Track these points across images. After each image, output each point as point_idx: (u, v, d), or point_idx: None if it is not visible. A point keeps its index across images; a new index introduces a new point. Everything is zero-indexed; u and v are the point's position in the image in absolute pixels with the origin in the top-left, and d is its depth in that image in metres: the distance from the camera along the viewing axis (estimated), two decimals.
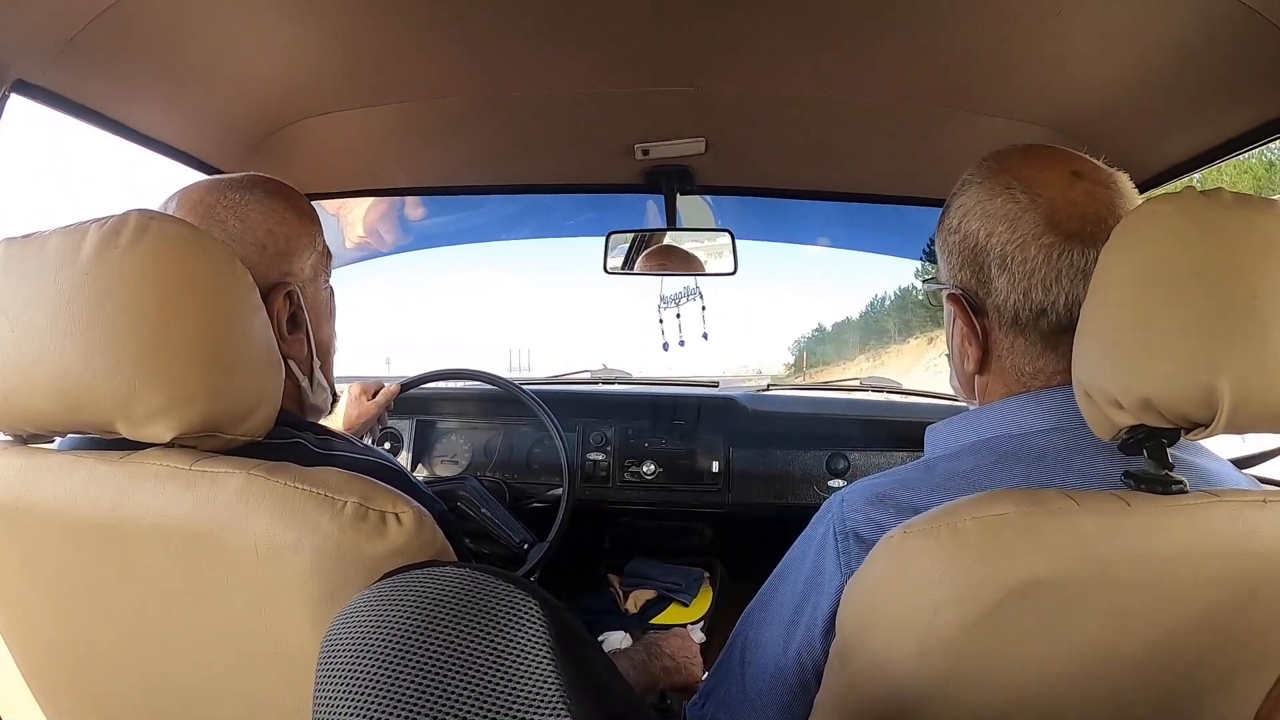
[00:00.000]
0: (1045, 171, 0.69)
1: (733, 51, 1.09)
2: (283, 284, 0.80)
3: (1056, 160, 0.70)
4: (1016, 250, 0.68)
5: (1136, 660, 0.53)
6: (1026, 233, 0.67)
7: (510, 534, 1.49)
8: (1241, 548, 0.53)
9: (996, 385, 0.74)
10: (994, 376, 0.74)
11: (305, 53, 1.08)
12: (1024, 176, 0.69)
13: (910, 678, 0.54)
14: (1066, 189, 0.67)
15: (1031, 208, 0.67)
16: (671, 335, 2.11)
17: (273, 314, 0.78)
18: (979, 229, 0.71)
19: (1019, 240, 0.67)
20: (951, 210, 0.76)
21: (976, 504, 0.54)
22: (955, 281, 0.75)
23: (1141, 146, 1.21)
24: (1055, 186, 0.67)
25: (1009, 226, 0.68)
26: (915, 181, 1.60)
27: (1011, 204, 0.68)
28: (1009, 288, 0.69)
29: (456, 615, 0.42)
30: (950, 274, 0.76)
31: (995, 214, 0.69)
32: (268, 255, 0.79)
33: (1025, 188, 0.68)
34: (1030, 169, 0.69)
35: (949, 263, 0.76)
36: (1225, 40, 0.92)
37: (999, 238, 0.69)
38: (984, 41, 1.02)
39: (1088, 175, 0.68)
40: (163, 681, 0.63)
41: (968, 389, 0.79)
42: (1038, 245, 0.66)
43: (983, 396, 0.77)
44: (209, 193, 0.79)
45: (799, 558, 0.74)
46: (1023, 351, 0.71)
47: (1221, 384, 0.49)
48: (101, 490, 0.59)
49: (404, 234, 2.08)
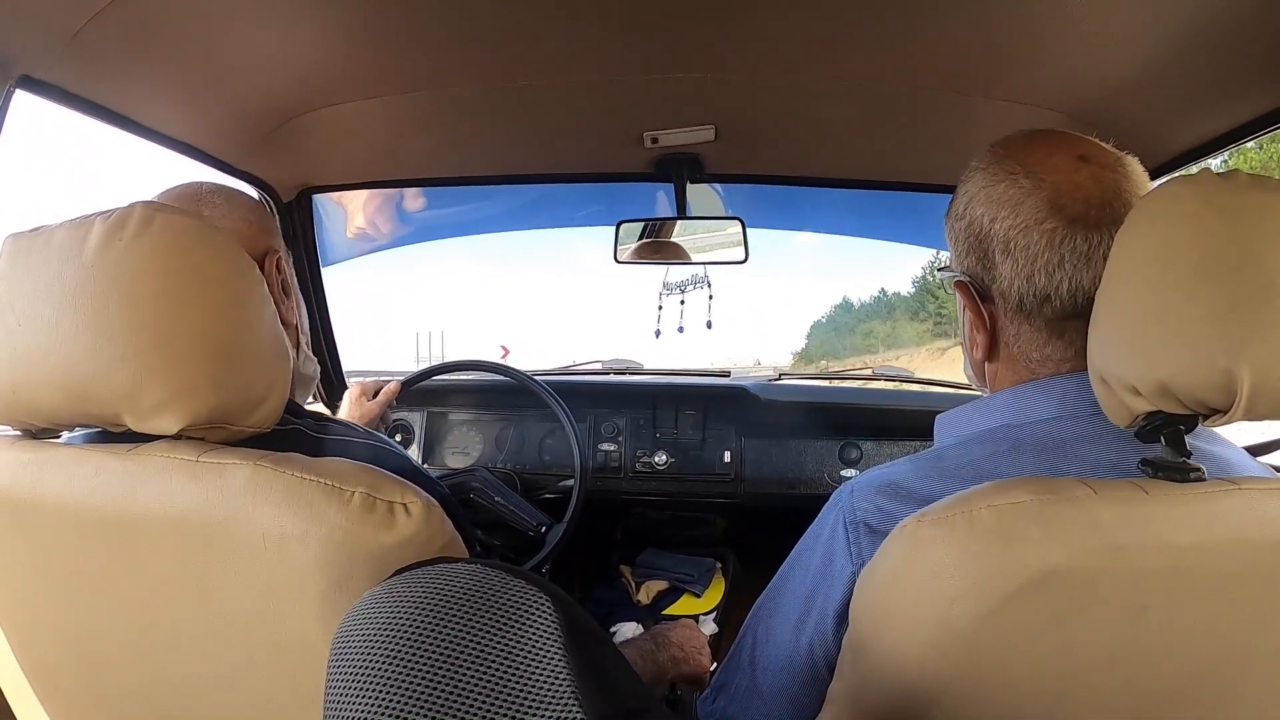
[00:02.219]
0: (1051, 156, 0.68)
1: (741, 38, 1.08)
2: (272, 250, 0.87)
3: (1063, 145, 0.69)
4: (1019, 235, 0.67)
5: (1155, 649, 0.53)
6: (1029, 218, 0.66)
7: (526, 518, 1.49)
8: (1260, 536, 0.52)
9: (1005, 373, 0.74)
10: (1003, 364, 0.74)
11: (311, 44, 1.08)
12: (1028, 161, 0.68)
13: (926, 669, 0.54)
14: (1072, 173, 0.66)
15: (1035, 192, 0.66)
16: (670, 322, 2.10)
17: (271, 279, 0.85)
18: (983, 214, 0.70)
19: (1021, 225, 0.67)
20: (958, 197, 0.75)
21: (992, 492, 0.53)
22: (962, 268, 0.75)
23: (1155, 131, 1.19)
24: (1060, 170, 0.66)
25: (1012, 211, 0.67)
26: (927, 168, 1.59)
27: (1015, 189, 0.68)
28: (1013, 273, 0.68)
29: (468, 611, 0.42)
30: (958, 261, 0.76)
31: (999, 199, 0.69)
32: (253, 229, 0.86)
33: (1029, 172, 0.67)
34: (1035, 154, 0.68)
35: (956, 250, 0.76)
36: (1239, 25, 0.91)
37: (1002, 223, 0.68)
38: (996, 26, 1.01)
39: (1094, 159, 0.67)
40: (170, 672, 0.64)
41: (979, 376, 0.79)
42: (1040, 230, 0.66)
43: (993, 384, 0.76)
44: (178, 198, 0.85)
45: (809, 549, 0.74)
46: (1029, 338, 0.70)
47: (1241, 370, 0.49)
48: (109, 483, 0.59)
49: (410, 226, 2.07)
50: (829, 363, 18.00)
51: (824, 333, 18.60)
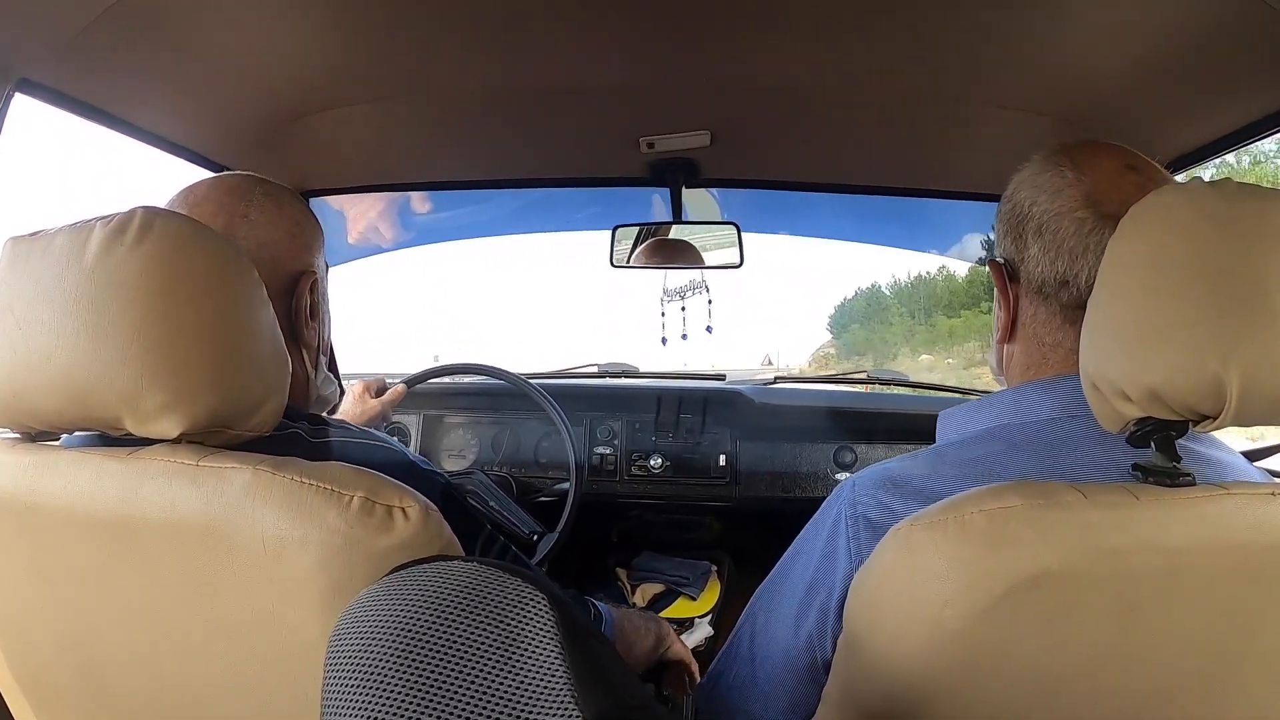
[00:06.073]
0: (1098, 158, 0.71)
1: (737, 44, 1.09)
2: (309, 272, 0.83)
3: (1115, 153, 0.71)
4: (1052, 219, 0.70)
5: (1145, 650, 0.53)
6: (1064, 205, 0.69)
7: (519, 526, 1.49)
8: (1251, 541, 0.52)
9: (1019, 355, 0.76)
10: (1018, 345, 0.76)
11: (309, 48, 1.08)
12: (1078, 159, 0.71)
13: (919, 669, 0.54)
14: (1116, 176, 0.69)
15: (1076, 184, 0.69)
16: (674, 329, 2.11)
17: (299, 301, 0.82)
18: (1025, 198, 0.73)
19: (1056, 211, 0.70)
20: (1010, 185, 0.78)
21: (984, 496, 0.53)
22: (1000, 250, 0.78)
23: (1147, 138, 1.20)
24: (1104, 171, 0.69)
25: (1050, 197, 0.70)
26: (922, 173, 1.59)
27: (1059, 179, 0.71)
28: (1040, 255, 0.71)
29: (464, 609, 0.42)
30: (999, 243, 0.79)
31: (1042, 186, 0.72)
32: (295, 244, 0.83)
33: (1075, 166, 0.70)
34: (1085, 154, 0.72)
35: (999, 233, 0.79)
36: (1232, 31, 0.92)
37: (1040, 206, 0.71)
38: (991, 31, 1.02)
39: (1143, 170, 0.70)
40: (170, 677, 0.64)
41: (997, 360, 0.81)
42: (1072, 218, 0.68)
43: (1008, 368, 0.78)
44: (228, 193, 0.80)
45: (809, 542, 0.74)
46: (1044, 321, 0.73)
47: (1230, 376, 0.49)
48: (109, 486, 0.59)
49: (408, 230, 2.07)
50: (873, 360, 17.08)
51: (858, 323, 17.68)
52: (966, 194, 1.62)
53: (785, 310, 44.36)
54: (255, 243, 0.79)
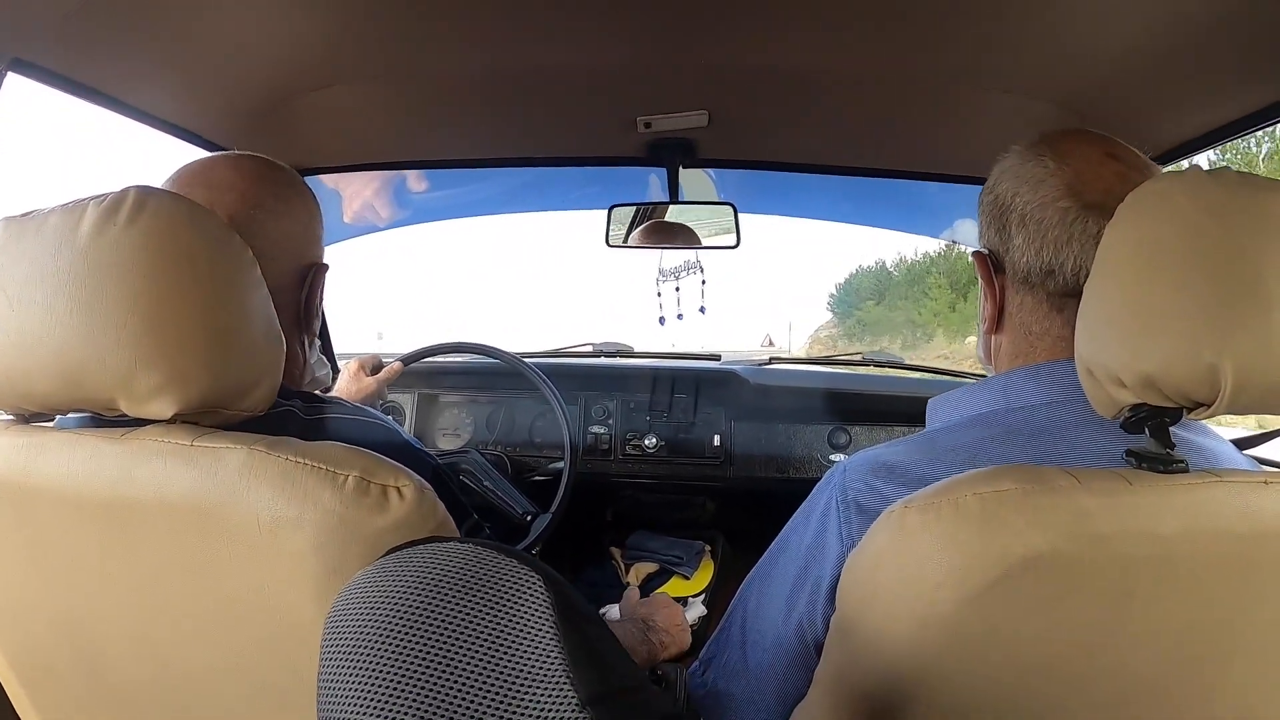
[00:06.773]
0: (1079, 146, 0.71)
1: (735, 24, 1.08)
2: (321, 264, 0.85)
3: (1095, 141, 0.72)
4: (1035, 210, 0.70)
5: (1137, 636, 0.54)
6: (1047, 195, 0.70)
7: (513, 506, 1.49)
8: (1243, 528, 0.53)
9: (1006, 345, 0.77)
10: (1005, 336, 0.77)
11: (304, 26, 1.07)
12: (1059, 148, 0.72)
13: (910, 652, 0.55)
14: (1098, 165, 0.69)
15: (1058, 173, 0.70)
16: (670, 309, 2.11)
17: (314, 290, 0.84)
18: (1007, 189, 0.74)
19: (1039, 201, 0.70)
20: (991, 174, 0.78)
21: (978, 480, 0.54)
22: (984, 242, 0.79)
23: (1146, 125, 1.20)
24: (1085, 160, 0.70)
25: (1033, 188, 0.71)
26: (919, 156, 1.59)
27: (1040, 169, 0.71)
28: (1024, 245, 0.72)
29: (459, 590, 0.42)
30: (983, 235, 0.80)
31: (1024, 176, 0.72)
32: (310, 235, 0.84)
33: (1055, 155, 0.71)
34: (1067, 143, 0.72)
35: (982, 224, 0.80)
36: (1234, 17, 0.92)
37: (1022, 198, 0.72)
38: (988, 14, 1.01)
39: (1123, 159, 0.70)
40: (166, 656, 0.64)
41: (985, 350, 0.82)
42: (1055, 208, 0.69)
43: (996, 358, 0.79)
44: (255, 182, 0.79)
45: (800, 527, 0.75)
46: (1030, 309, 0.73)
47: (1224, 363, 0.49)
48: (104, 467, 0.59)
49: (404, 208, 2.06)
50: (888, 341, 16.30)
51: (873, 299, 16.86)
52: (964, 178, 1.62)
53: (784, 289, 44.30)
54: (280, 233, 0.79)
